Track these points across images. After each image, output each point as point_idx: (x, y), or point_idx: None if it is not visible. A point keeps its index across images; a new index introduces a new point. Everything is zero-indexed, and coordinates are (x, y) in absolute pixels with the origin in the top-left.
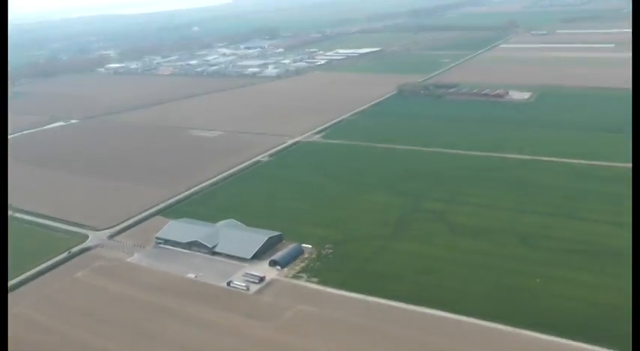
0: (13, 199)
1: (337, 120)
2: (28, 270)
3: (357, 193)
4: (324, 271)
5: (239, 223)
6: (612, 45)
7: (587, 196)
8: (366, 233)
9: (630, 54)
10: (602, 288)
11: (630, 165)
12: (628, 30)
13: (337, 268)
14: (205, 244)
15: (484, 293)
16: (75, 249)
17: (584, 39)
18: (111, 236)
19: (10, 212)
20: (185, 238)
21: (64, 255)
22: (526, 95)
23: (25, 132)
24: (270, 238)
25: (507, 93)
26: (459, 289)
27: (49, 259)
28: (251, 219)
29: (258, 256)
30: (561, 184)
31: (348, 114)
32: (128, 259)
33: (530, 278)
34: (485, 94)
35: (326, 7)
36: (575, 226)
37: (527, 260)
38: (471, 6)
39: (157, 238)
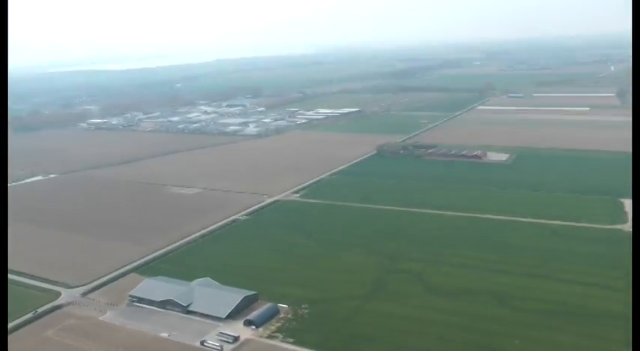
0: None
1: (316, 179)
2: None
3: (334, 253)
4: (300, 332)
5: (214, 281)
6: (587, 108)
7: (565, 256)
8: (343, 293)
9: (605, 117)
10: (582, 349)
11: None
12: (602, 94)
13: (313, 329)
14: (180, 302)
15: None
16: (46, 306)
17: (560, 102)
18: (84, 294)
19: None
20: (159, 297)
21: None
22: (503, 157)
23: None
24: (245, 297)
25: (485, 154)
26: (435, 350)
27: (19, 317)
28: (227, 278)
29: (233, 316)
30: (539, 244)
31: (327, 173)
32: (100, 318)
33: (509, 339)
34: (464, 155)
35: (307, 67)
36: (554, 287)
37: (505, 321)
38: (449, 68)
39: (130, 295)
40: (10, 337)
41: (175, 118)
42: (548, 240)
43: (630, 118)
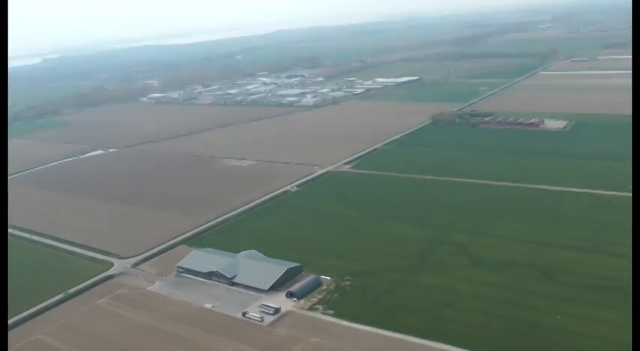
0: (41, 225)
1: (369, 150)
2: (50, 297)
3: (380, 225)
4: (341, 304)
5: (260, 253)
6: None
7: (618, 229)
8: (387, 265)
9: None
10: (625, 327)
11: None
12: None
13: (354, 301)
14: (224, 274)
15: (503, 329)
16: (99, 276)
17: (625, 65)
18: (135, 264)
19: (36, 238)
20: (205, 268)
21: (88, 282)
22: (562, 124)
23: (64, 160)
24: (288, 269)
25: (542, 122)
26: (477, 324)
27: (74, 286)
28: (273, 250)
29: (275, 288)
30: (592, 216)
31: (381, 143)
32: (149, 288)
33: (551, 315)
34: (520, 123)
35: (369, 35)
36: (600, 260)
37: (549, 296)
38: (515, 32)
39: (178, 267)
40: (63, 306)
41: (234, 91)
42: (601, 212)
43: None
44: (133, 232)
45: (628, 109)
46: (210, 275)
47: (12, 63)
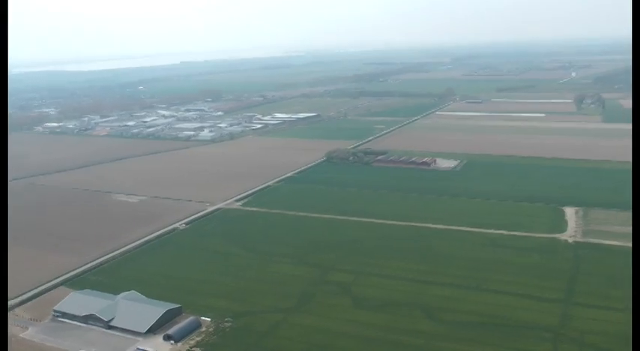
0: None
1: (262, 187)
2: None
3: (266, 264)
4: (219, 347)
5: (140, 295)
6: (543, 114)
7: (499, 267)
8: (268, 306)
9: (561, 124)
10: None
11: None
12: (560, 100)
13: (232, 343)
14: (101, 317)
15: None
16: None
17: (517, 108)
18: (9, 309)
19: None
20: (83, 311)
21: None
22: (452, 163)
23: None
24: (167, 311)
25: (435, 161)
26: None
27: None
28: (155, 290)
29: (154, 330)
30: (475, 254)
31: (274, 180)
32: (21, 335)
33: None
34: (413, 162)
35: (274, 70)
36: (484, 298)
37: (430, 335)
38: (414, 72)
39: (54, 311)
40: None
41: (131, 123)
42: (484, 250)
43: (582, 124)
44: (10, 273)
45: (517, 150)
46: (87, 319)
47: None
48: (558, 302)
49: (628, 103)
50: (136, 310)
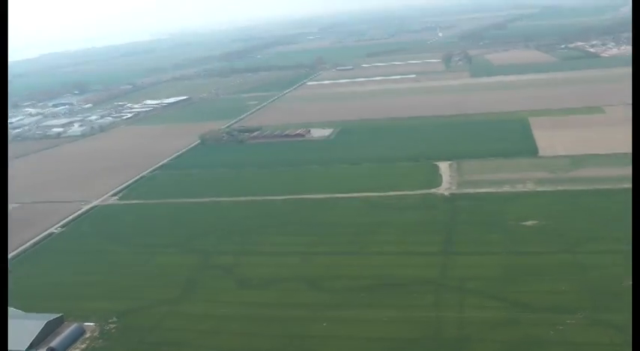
0: None
1: (137, 178)
2: None
3: (148, 257)
4: (105, 350)
5: (17, 310)
6: (414, 75)
7: (379, 229)
8: (153, 300)
9: (431, 82)
10: (393, 323)
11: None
12: (428, 60)
13: (118, 345)
14: None
15: (270, 349)
16: None
17: (388, 71)
18: None
19: None
20: None
21: None
22: (327, 132)
23: None
24: (48, 322)
25: (309, 132)
26: (245, 348)
27: None
28: (34, 303)
29: (35, 346)
30: (355, 220)
31: (148, 170)
32: None
33: (317, 324)
34: (287, 135)
35: (139, 55)
36: (367, 261)
37: (315, 306)
38: (283, 45)
39: None
40: None
41: None
42: (364, 214)
43: (451, 81)
44: None
45: (390, 113)
46: None
47: None
48: (438, 255)
49: (493, 57)
50: (14, 327)
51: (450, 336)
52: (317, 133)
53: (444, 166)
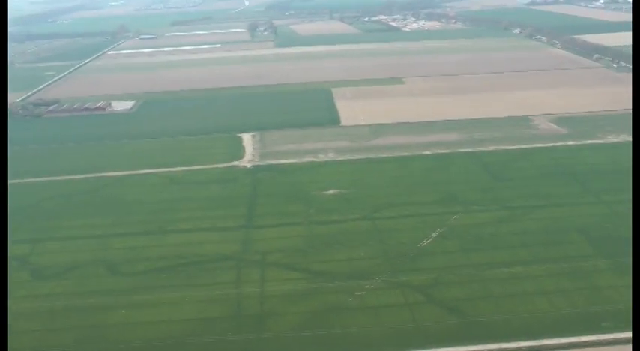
0: None
1: None
2: None
3: None
4: None
5: None
6: (219, 45)
7: (181, 205)
8: None
9: (237, 53)
10: (194, 303)
11: None
12: (234, 30)
13: None
14: None
15: (70, 343)
16: None
17: (193, 41)
18: None
19: None
20: None
21: None
22: (129, 105)
23: None
24: None
25: (110, 104)
26: (42, 346)
27: None
28: None
29: None
30: (156, 197)
31: None
32: None
33: (116, 311)
34: (87, 108)
35: None
36: (168, 241)
37: (115, 291)
38: (85, 10)
39: None
40: None
41: None
42: (166, 190)
43: (257, 51)
44: None
45: (195, 84)
46: None
47: None
48: (240, 229)
49: (299, 28)
50: None
51: (251, 312)
52: (119, 105)
53: (247, 138)
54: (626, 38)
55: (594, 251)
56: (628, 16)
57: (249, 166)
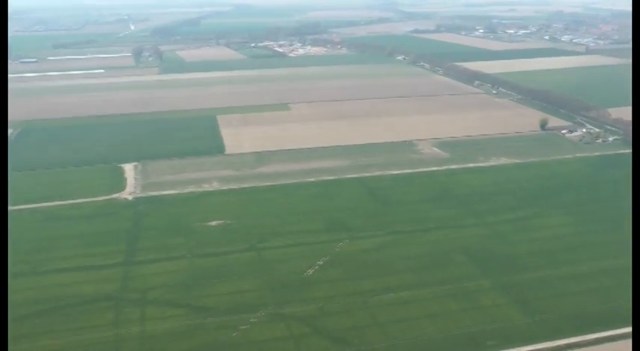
0: None
1: None
2: None
3: None
4: None
5: None
6: (103, 70)
7: (57, 243)
8: None
9: (121, 78)
10: (69, 349)
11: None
12: (119, 55)
13: None
14: None
15: None
16: None
17: (76, 66)
18: None
19: None
20: None
21: None
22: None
23: None
24: None
25: None
26: None
27: None
28: None
29: None
30: (30, 235)
31: None
32: None
33: None
34: None
35: None
36: (42, 282)
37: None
38: None
39: None
40: None
41: None
42: (41, 227)
43: (141, 77)
44: None
45: (77, 111)
46: None
47: None
48: (119, 266)
49: (185, 54)
50: None
51: None
52: None
53: (128, 169)
54: (505, 66)
55: (478, 271)
56: (507, 45)
57: (130, 198)
